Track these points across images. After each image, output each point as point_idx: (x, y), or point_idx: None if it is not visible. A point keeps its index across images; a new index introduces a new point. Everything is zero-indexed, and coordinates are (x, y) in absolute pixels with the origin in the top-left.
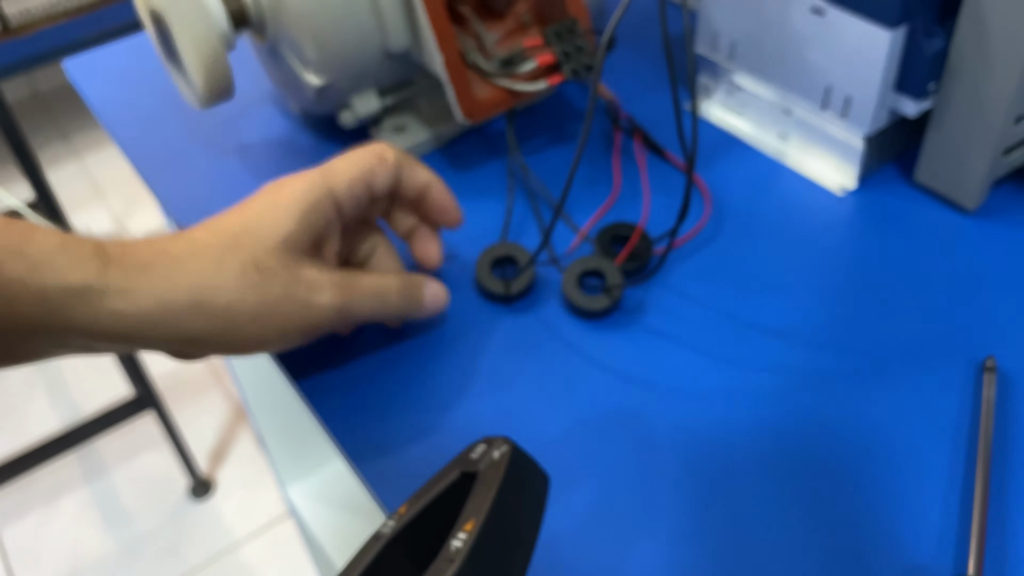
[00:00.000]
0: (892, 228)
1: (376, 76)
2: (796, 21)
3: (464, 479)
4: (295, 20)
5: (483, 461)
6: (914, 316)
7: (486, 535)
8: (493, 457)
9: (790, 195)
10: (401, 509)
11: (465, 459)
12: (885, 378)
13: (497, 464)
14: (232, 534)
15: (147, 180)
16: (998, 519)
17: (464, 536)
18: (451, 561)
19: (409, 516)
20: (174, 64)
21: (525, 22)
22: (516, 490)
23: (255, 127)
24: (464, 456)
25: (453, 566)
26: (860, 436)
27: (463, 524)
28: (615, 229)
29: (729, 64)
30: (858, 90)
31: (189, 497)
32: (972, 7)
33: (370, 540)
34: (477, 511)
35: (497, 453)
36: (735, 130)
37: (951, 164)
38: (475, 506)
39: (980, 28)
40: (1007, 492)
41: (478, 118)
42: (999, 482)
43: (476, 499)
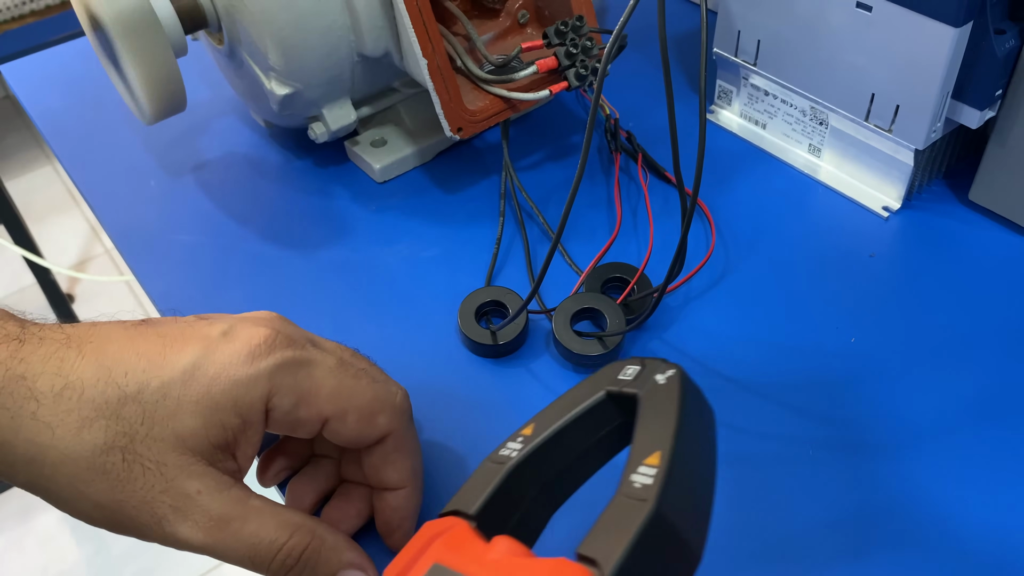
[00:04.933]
0: (945, 254)
1: (350, 84)
2: (836, 18)
3: (611, 400)
4: (254, 20)
5: (642, 384)
6: (977, 362)
7: (675, 469)
8: (657, 380)
9: (824, 217)
10: (525, 429)
11: (609, 378)
12: (947, 442)
13: (668, 388)
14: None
15: (90, 202)
16: None
17: (651, 471)
18: (643, 500)
19: (541, 438)
20: (118, 73)
21: (522, 21)
22: (694, 419)
23: (215, 141)
24: (605, 375)
25: (648, 506)
26: (915, 513)
27: (642, 456)
28: (613, 269)
29: (753, 66)
30: (910, 98)
31: None
32: None
33: (490, 463)
34: (660, 441)
35: (662, 377)
36: (759, 140)
37: (1016, 182)
38: (654, 435)
39: None
40: None
41: (468, 132)
42: None
43: (651, 427)
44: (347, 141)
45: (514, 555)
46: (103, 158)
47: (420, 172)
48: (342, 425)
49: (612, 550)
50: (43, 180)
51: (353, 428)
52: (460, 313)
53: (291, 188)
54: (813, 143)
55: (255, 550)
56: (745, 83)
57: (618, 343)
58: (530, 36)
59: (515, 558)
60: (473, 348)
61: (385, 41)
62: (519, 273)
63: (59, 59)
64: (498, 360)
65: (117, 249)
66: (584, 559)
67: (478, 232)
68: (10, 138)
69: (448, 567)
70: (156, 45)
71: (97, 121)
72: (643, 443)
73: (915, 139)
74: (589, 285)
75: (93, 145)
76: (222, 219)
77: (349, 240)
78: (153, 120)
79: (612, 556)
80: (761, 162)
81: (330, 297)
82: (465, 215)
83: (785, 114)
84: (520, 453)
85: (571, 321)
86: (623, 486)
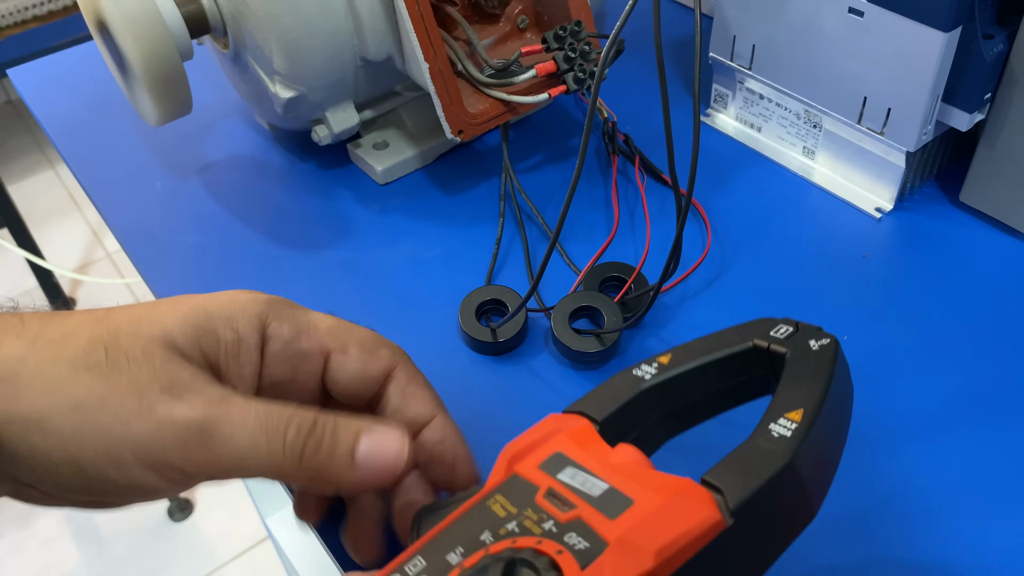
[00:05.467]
0: (937, 255)
1: (353, 87)
2: (829, 22)
3: (756, 352)
4: (259, 25)
5: (794, 346)
6: (967, 360)
7: (815, 428)
8: (811, 346)
9: (817, 217)
10: (662, 357)
11: (760, 332)
12: (935, 433)
13: (820, 354)
14: (212, 557)
15: (97, 203)
16: None
17: (791, 424)
18: (780, 450)
19: (677, 369)
20: (125, 77)
21: (521, 26)
22: (840, 388)
23: (220, 143)
24: (756, 328)
25: (784, 456)
26: (904, 497)
27: (785, 409)
28: (610, 269)
29: (748, 70)
30: (901, 101)
31: (168, 519)
32: None
33: (622, 378)
34: (805, 400)
35: (816, 343)
36: (754, 143)
37: (1005, 184)
38: (800, 393)
39: None
40: None
41: (469, 135)
42: None
43: (798, 385)
44: (350, 144)
45: (637, 464)
46: (110, 160)
47: (422, 174)
48: (345, 359)
49: (740, 485)
50: (45, 184)
51: (357, 360)
52: (461, 312)
53: (295, 190)
54: (807, 145)
55: (267, 418)
56: (740, 87)
57: (615, 340)
58: (529, 41)
59: (639, 467)
60: (473, 346)
61: (388, 45)
62: (519, 272)
63: (66, 63)
64: (498, 357)
65: (123, 249)
66: (709, 485)
67: (478, 232)
68: (11, 142)
69: (571, 457)
70: (163, 49)
71: (103, 124)
72: (787, 398)
73: (906, 141)
74: (587, 284)
75: (100, 147)
76: (227, 220)
77: (351, 241)
78: (159, 123)
79: (738, 489)
80: (756, 164)
81: (333, 296)
82: (466, 216)
83: (780, 117)
84: (655, 378)
85: (569, 319)
86: (761, 431)
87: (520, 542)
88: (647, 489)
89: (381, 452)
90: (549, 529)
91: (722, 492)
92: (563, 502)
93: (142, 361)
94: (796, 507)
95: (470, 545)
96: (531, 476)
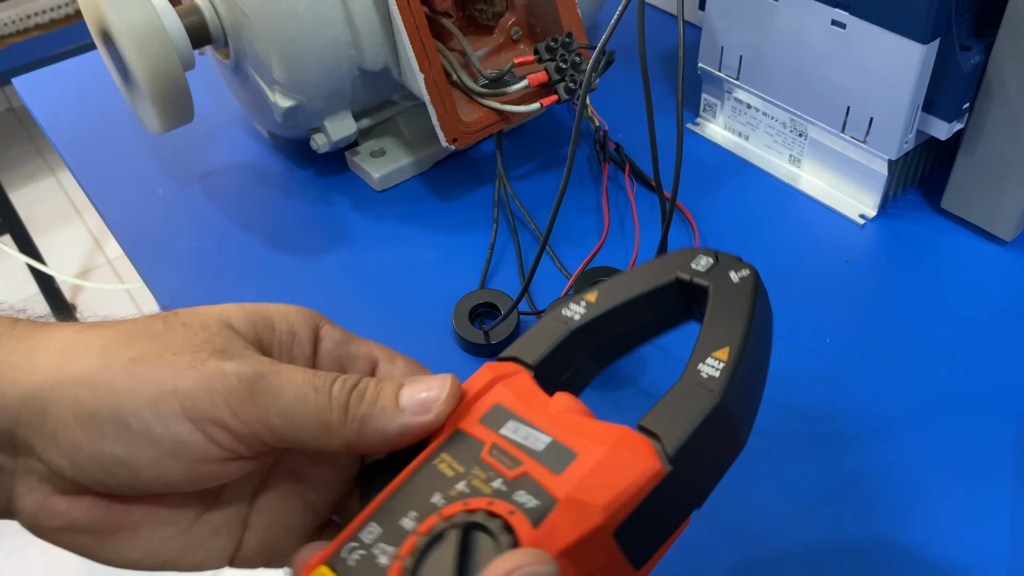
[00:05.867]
0: (918, 260)
1: (351, 97)
2: (813, 35)
3: (679, 285)
4: (260, 36)
5: (715, 278)
6: (945, 360)
7: (741, 365)
8: (731, 278)
9: (803, 224)
10: (589, 295)
11: (680, 264)
12: (914, 432)
13: (741, 288)
14: None
15: (100, 209)
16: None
17: (718, 364)
18: (710, 391)
19: (605, 307)
20: (128, 86)
21: (515, 37)
22: (762, 320)
23: (221, 151)
24: (676, 260)
25: (714, 396)
26: (887, 496)
27: (711, 348)
28: (600, 272)
29: (736, 81)
30: (883, 111)
31: None
32: (1014, 17)
33: (552, 320)
34: (729, 337)
35: (736, 275)
36: (742, 151)
37: (985, 191)
38: (724, 331)
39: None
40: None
41: (463, 143)
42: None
43: (722, 322)
44: (348, 151)
45: (576, 412)
46: (113, 167)
47: (417, 181)
48: (393, 368)
49: (675, 428)
50: (46, 191)
51: (404, 371)
52: (455, 314)
53: (294, 196)
54: (793, 154)
55: (315, 374)
56: (729, 97)
57: None
58: (523, 52)
59: (578, 416)
60: (467, 347)
61: (384, 56)
62: (512, 276)
63: (70, 72)
64: (491, 359)
65: (126, 254)
66: (646, 431)
67: (473, 238)
68: (13, 150)
69: (511, 410)
70: (165, 59)
71: (107, 132)
72: (712, 336)
73: (888, 150)
74: (578, 287)
75: (103, 155)
76: (227, 225)
77: (349, 246)
78: (161, 131)
79: (674, 434)
80: (744, 172)
81: (331, 299)
82: (460, 222)
83: (767, 126)
84: (583, 318)
85: None
86: (690, 373)
87: (472, 503)
88: (588, 440)
89: (423, 388)
90: (498, 488)
91: (659, 438)
92: (509, 458)
93: (197, 328)
94: (728, 442)
95: (423, 509)
96: (474, 432)
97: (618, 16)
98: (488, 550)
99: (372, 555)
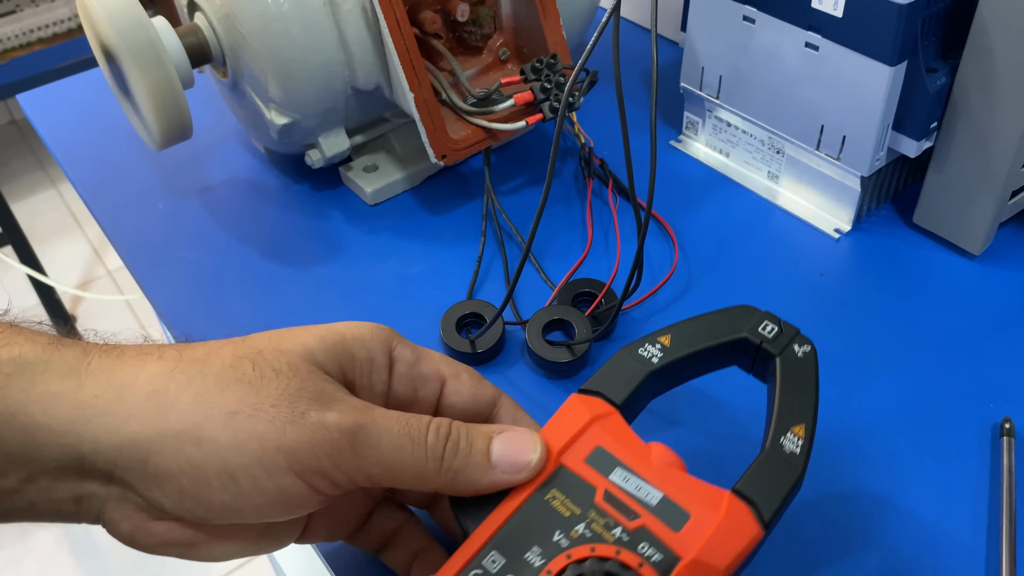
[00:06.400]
0: (891, 273)
1: (344, 114)
2: (788, 56)
3: (743, 346)
4: (256, 56)
5: (780, 347)
6: (918, 371)
7: (810, 441)
8: (796, 352)
9: (780, 237)
10: (663, 338)
11: (748, 325)
12: (888, 444)
13: (805, 364)
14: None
15: (101, 222)
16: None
17: (798, 440)
18: (793, 466)
19: (678, 353)
20: (129, 103)
21: (503, 57)
22: (817, 395)
23: (219, 166)
24: (745, 319)
25: (798, 470)
26: (863, 507)
27: (790, 424)
28: (583, 284)
29: (716, 100)
30: (855, 129)
31: None
32: (978, 41)
33: (631, 359)
34: (804, 416)
35: (799, 350)
36: (723, 168)
37: (953, 207)
38: (798, 408)
39: (986, 63)
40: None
41: (452, 159)
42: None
43: (794, 398)
44: (341, 167)
45: (674, 467)
46: (114, 181)
47: (409, 195)
48: (460, 384)
49: (769, 498)
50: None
51: (470, 386)
52: (442, 324)
53: (289, 210)
54: (771, 170)
55: (408, 423)
56: (710, 115)
57: (586, 351)
58: (510, 72)
59: (681, 472)
60: (454, 356)
61: (376, 76)
62: (498, 287)
63: (73, 89)
64: (477, 367)
65: (126, 266)
66: (743, 496)
67: (461, 250)
68: (15, 162)
69: (614, 455)
70: (165, 77)
71: (109, 147)
72: (789, 411)
73: (861, 167)
74: (561, 298)
75: (105, 169)
76: (225, 238)
77: (342, 258)
78: (161, 146)
79: (769, 503)
80: (725, 188)
81: (324, 310)
82: (450, 235)
83: (746, 144)
84: (660, 361)
85: (543, 331)
86: (774, 446)
87: (599, 550)
88: (698, 504)
89: (514, 450)
90: (620, 537)
91: (755, 505)
92: (625, 509)
93: (289, 374)
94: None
95: (547, 547)
96: (581, 472)
97: (595, 39)
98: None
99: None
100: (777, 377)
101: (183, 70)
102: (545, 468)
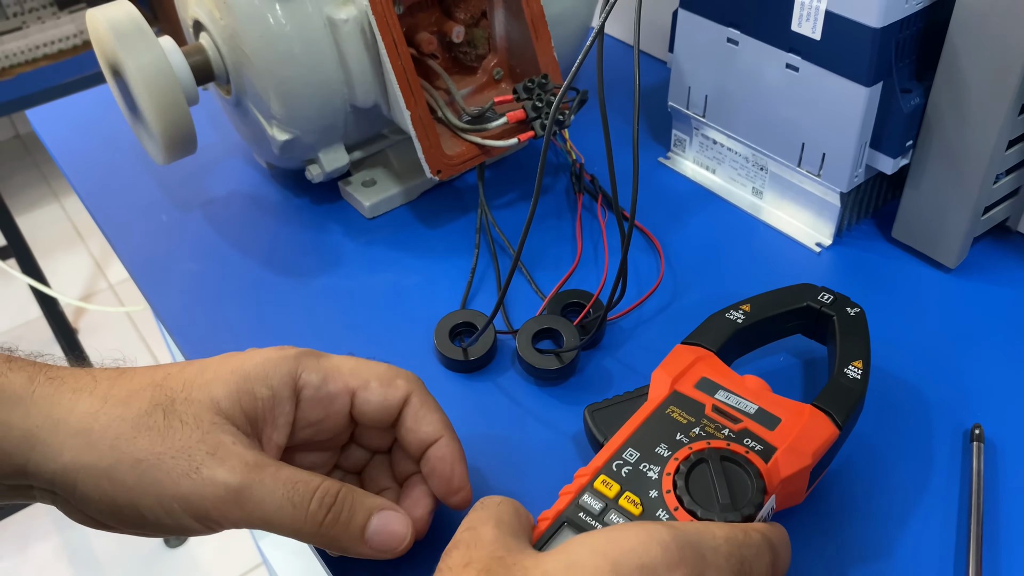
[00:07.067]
0: (869, 286)
1: (343, 131)
2: (770, 77)
3: (807, 312)
4: (259, 75)
5: (837, 310)
6: (894, 380)
7: (866, 372)
8: (849, 312)
9: (763, 251)
10: (744, 305)
11: (810, 296)
12: (864, 450)
13: (857, 320)
14: None
15: (107, 234)
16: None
17: (857, 371)
18: (851, 390)
19: (757, 316)
20: (135, 118)
21: (497, 77)
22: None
23: (222, 180)
24: (806, 292)
25: (858, 392)
26: (832, 511)
27: (850, 360)
28: (572, 295)
29: (703, 118)
30: (834, 147)
31: (163, 545)
32: (949, 63)
33: (723, 319)
34: (861, 355)
35: (852, 311)
36: (710, 184)
37: (929, 222)
38: (855, 348)
39: (957, 84)
40: (1001, 571)
41: (447, 175)
42: (992, 561)
43: (853, 342)
44: (340, 181)
45: (765, 389)
46: (120, 195)
47: (405, 209)
48: (368, 394)
49: (840, 408)
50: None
51: (377, 394)
52: (436, 333)
53: (289, 223)
54: (756, 186)
55: (294, 488)
56: (697, 133)
57: (574, 359)
58: (504, 91)
59: (769, 393)
60: (447, 364)
61: (374, 94)
62: (491, 298)
63: (80, 105)
64: (469, 375)
65: (131, 276)
66: (822, 408)
67: (456, 262)
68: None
69: (717, 382)
70: (171, 95)
71: (115, 161)
72: (849, 351)
73: (840, 183)
74: (551, 308)
75: (111, 183)
76: (227, 250)
77: (340, 269)
78: (166, 161)
79: (841, 412)
80: (711, 203)
81: (323, 319)
82: (445, 247)
83: (731, 161)
84: (744, 322)
85: (533, 339)
86: (840, 373)
87: (714, 444)
88: (786, 411)
89: (387, 532)
90: (728, 435)
91: (831, 413)
92: (730, 417)
93: (193, 425)
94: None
95: (672, 443)
96: (692, 394)
97: (580, 59)
98: (737, 473)
99: (640, 471)
100: (837, 329)
101: (188, 88)
102: (662, 393)
